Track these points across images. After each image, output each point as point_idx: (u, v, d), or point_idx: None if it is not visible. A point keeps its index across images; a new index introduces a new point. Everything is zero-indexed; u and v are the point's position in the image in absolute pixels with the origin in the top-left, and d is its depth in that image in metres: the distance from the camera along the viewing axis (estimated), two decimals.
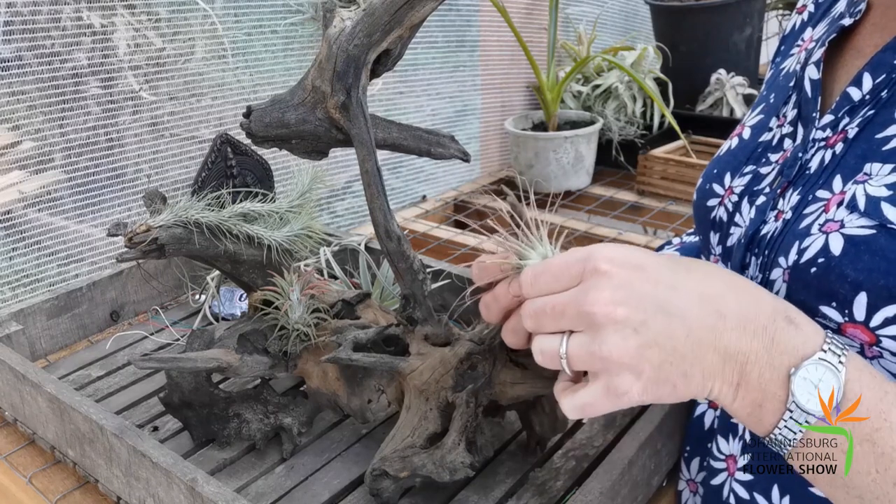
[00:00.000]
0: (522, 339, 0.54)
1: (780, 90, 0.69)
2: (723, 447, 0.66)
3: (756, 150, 0.67)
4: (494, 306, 0.54)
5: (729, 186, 0.67)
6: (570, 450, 0.73)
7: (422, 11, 0.59)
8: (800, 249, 0.55)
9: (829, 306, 0.53)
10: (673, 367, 0.45)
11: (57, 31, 1.14)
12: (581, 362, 0.47)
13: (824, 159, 0.59)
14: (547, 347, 0.49)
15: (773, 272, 0.58)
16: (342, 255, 1.04)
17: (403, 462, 0.63)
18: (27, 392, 0.77)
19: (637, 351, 0.45)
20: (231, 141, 0.82)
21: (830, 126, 0.59)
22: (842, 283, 0.52)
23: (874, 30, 0.62)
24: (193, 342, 0.73)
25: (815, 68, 0.63)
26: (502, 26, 1.76)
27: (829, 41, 0.63)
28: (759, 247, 0.60)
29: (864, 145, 0.56)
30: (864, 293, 0.51)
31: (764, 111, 0.70)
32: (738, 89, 2.00)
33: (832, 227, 0.54)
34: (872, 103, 0.57)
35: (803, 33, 0.72)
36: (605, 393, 0.46)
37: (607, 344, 0.45)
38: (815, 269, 0.54)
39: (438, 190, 1.85)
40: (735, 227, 0.65)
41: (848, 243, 0.52)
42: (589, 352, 0.46)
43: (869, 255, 0.51)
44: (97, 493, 0.74)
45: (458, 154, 0.69)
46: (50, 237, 1.19)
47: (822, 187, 0.57)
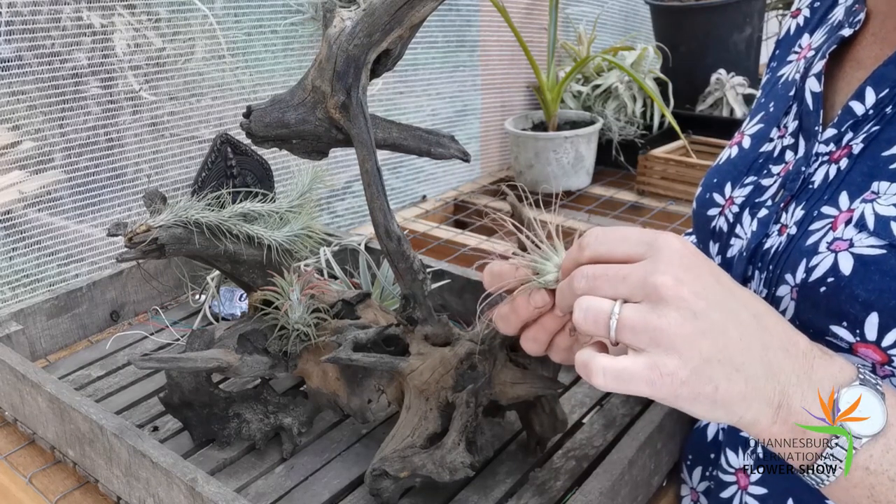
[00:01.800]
0: (542, 347, 0.54)
1: (780, 99, 0.68)
2: (732, 460, 0.66)
3: (757, 161, 0.67)
4: (513, 318, 0.53)
5: (729, 197, 0.67)
6: (570, 450, 0.73)
7: (422, 11, 0.59)
8: (808, 268, 0.55)
9: (839, 326, 0.53)
10: (720, 365, 0.44)
11: (57, 31, 1.14)
12: (631, 330, 0.44)
13: (829, 175, 0.58)
14: (597, 306, 0.46)
15: (780, 289, 0.58)
16: (342, 255, 1.04)
17: (403, 462, 0.63)
18: (27, 392, 0.77)
19: (692, 336, 0.44)
20: (231, 141, 0.82)
21: (834, 140, 0.59)
22: (852, 304, 0.52)
23: (874, 40, 0.61)
24: (193, 342, 0.73)
25: (817, 80, 0.62)
26: (502, 26, 1.76)
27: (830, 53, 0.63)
28: (763, 261, 0.60)
29: (870, 162, 0.56)
30: (875, 313, 0.51)
31: (763, 120, 0.69)
32: (738, 89, 2.01)
33: (841, 245, 0.54)
34: (877, 119, 0.56)
35: (800, 39, 0.71)
36: (648, 367, 0.44)
37: (667, 318, 0.44)
38: (824, 288, 0.53)
39: (438, 190, 1.86)
40: (735, 239, 0.65)
41: (858, 263, 0.52)
42: (645, 320, 0.44)
43: (880, 276, 0.51)
44: (97, 493, 0.74)
45: (458, 154, 0.69)
46: (50, 237, 1.19)
47: (827, 203, 0.57)
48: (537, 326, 0.53)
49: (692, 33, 2.09)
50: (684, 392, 0.44)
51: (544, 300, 0.52)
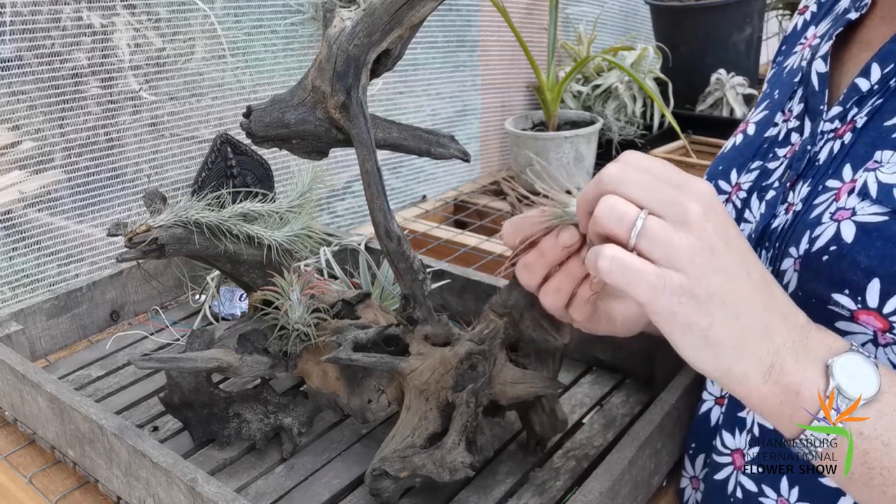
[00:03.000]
0: (564, 300, 0.53)
1: (785, 86, 0.69)
2: (728, 441, 0.66)
3: (762, 146, 0.67)
4: (539, 264, 0.53)
5: (736, 183, 0.67)
6: (570, 450, 0.73)
7: (422, 11, 0.59)
8: (811, 238, 0.56)
9: (841, 294, 0.53)
10: (723, 306, 0.45)
11: (57, 31, 1.14)
12: (651, 239, 0.45)
13: (833, 150, 0.59)
14: (623, 209, 0.45)
15: (784, 262, 0.58)
16: (342, 255, 1.04)
17: (403, 462, 0.63)
18: (27, 392, 0.77)
19: (705, 266, 0.44)
20: (231, 141, 0.82)
21: (839, 117, 0.60)
22: (854, 270, 0.52)
23: (881, 23, 0.62)
24: (193, 342, 0.73)
25: (823, 62, 0.63)
26: (502, 26, 1.76)
27: (836, 35, 0.63)
28: (770, 240, 0.61)
29: (872, 133, 0.56)
30: (877, 280, 0.51)
31: (768, 107, 0.70)
32: (738, 89, 2.01)
33: (844, 214, 0.54)
34: (881, 93, 0.57)
35: (806, 31, 0.72)
36: (656, 273, 0.44)
37: (687, 240, 0.44)
38: (826, 256, 0.54)
39: (438, 190, 1.85)
40: (745, 224, 0.65)
41: (860, 230, 0.52)
42: (667, 234, 0.44)
43: (882, 242, 0.51)
44: (97, 493, 0.74)
45: (458, 154, 0.69)
46: (50, 237, 1.19)
47: (831, 177, 0.58)
48: (562, 274, 0.52)
49: (692, 33, 2.09)
50: (681, 311, 0.45)
51: (573, 237, 0.51)
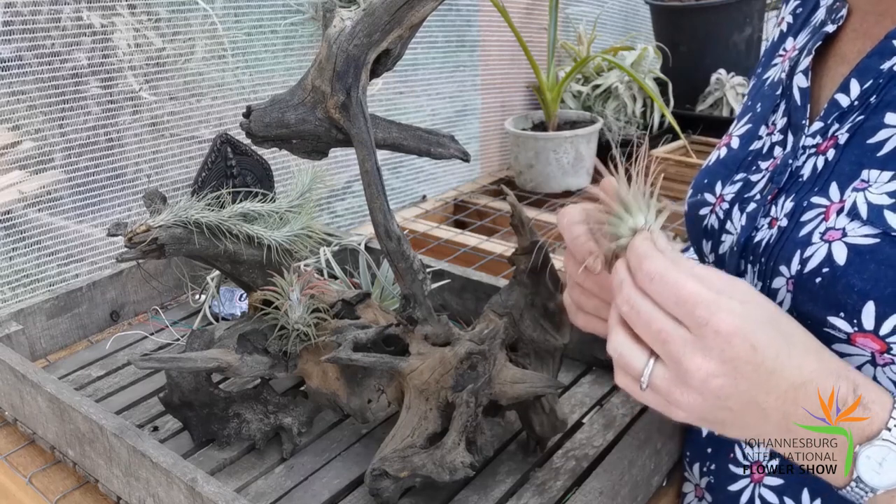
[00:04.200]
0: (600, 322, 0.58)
1: (767, 99, 0.69)
2: (749, 453, 0.66)
3: (746, 159, 0.67)
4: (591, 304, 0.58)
5: (720, 195, 0.67)
6: (570, 450, 0.73)
7: (422, 11, 0.59)
8: (802, 259, 0.55)
9: (836, 317, 0.53)
10: (731, 427, 0.48)
11: (57, 31, 1.14)
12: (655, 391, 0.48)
13: (817, 166, 0.58)
14: (629, 360, 0.48)
15: (776, 281, 0.58)
16: (342, 255, 1.04)
17: (403, 462, 0.63)
18: (27, 392, 0.77)
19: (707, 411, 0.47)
20: (231, 141, 0.82)
21: (820, 133, 0.59)
22: (849, 293, 0.52)
23: (855, 36, 0.62)
24: (193, 342, 0.73)
25: (804, 77, 0.63)
26: (502, 26, 1.76)
27: (816, 49, 0.63)
28: (755, 254, 0.60)
29: (857, 151, 0.56)
30: (871, 302, 0.51)
31: (751, 121, 0.70)
32: (738, 89, 2.01)
33: (834, 235, 0.54)
34: (861, 109, 0.57)
35: (784, 43, 0.72)
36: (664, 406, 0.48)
37: (687, 397, 0.46)
38: (820, 278, 0.54)
39: (438, 190, 1.86)
40: (726, 235, 0.65)
41: (853, 252, 0.52)
42: (668, 391, 0.47)
43: (875, 265, 0.51)
44: (97, 493, 0.74)
45: (458, 154, 0.69)
46: (50, 237, 1.19)
47: (817, 194, 0.57)
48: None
49: (692, 33, 2.09)
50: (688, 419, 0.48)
51: (596, 269, 0.53)
